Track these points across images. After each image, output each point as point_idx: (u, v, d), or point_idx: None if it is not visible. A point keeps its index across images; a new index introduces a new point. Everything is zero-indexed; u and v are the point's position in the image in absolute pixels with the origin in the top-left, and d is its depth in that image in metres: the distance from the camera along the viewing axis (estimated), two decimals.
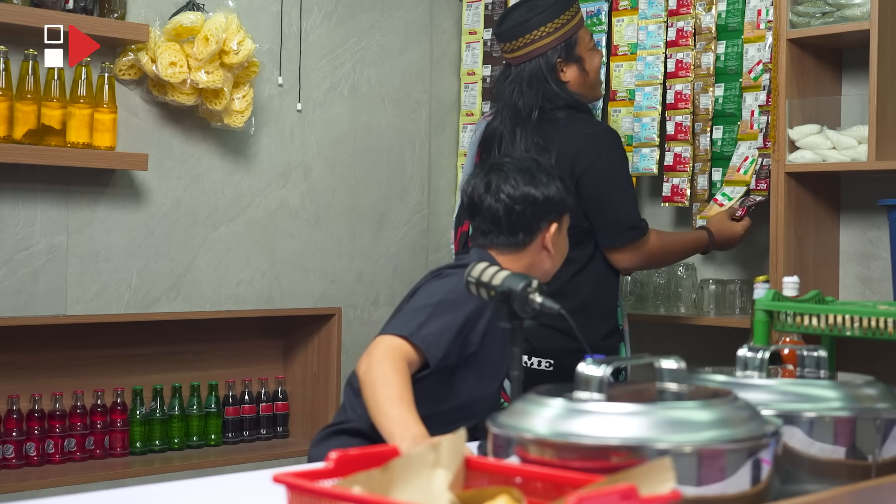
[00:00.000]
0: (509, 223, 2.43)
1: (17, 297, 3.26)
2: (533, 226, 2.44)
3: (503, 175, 2.45)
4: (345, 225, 3.96)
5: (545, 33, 3.14)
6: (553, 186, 2.45)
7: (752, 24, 3.36)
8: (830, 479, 1.64)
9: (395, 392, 2.10)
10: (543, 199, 2.43)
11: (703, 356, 3.55)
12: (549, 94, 3.11)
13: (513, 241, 2.45)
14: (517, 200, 2.42)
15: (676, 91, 3.55)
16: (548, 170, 2.49)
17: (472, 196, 2.47)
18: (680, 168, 3.54)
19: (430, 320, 2.25)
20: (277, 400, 3.90)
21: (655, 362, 1.58)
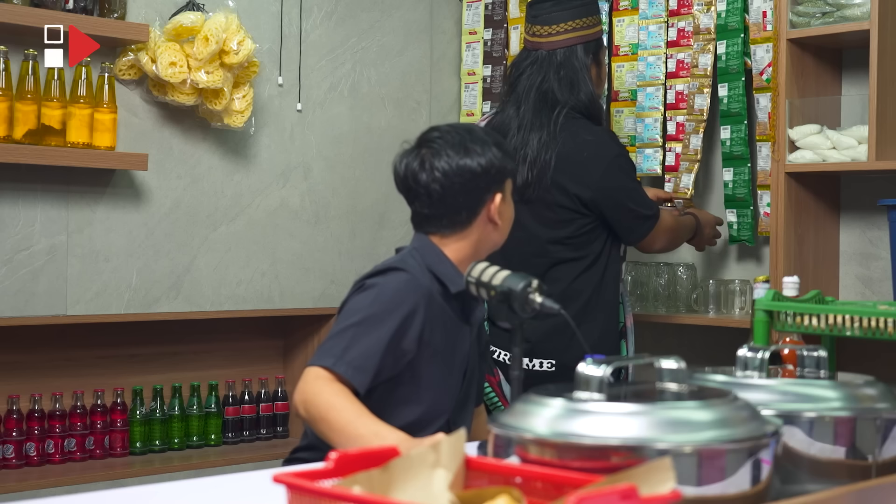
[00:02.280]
0: (450, 202, 2.28)
1: (17, 297, 3.26)
2: (474, 201, 2.29)
3: (434, 150, 2.28)
4: (345, 225, 3.96)
5: (587, 24, 3.08)
6: (489, 153, 2.28)
7: (759, 26, 3.36)
8: (830, 479, 1.64)
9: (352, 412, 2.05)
10: (481, 170, 2.27)
11: (703, 356, 3.55)
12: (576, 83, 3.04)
13: (456, 221, 2.29)
14: (453, 175, 2.25)
15: (677, 91, 3.55)
16: (481, 137, 2.31)
17: (406, 177, 2.30)
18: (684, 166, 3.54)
19: (354, 343, 2.14)
20: (277, 400, 3.90)
21: (655, 362, 1.58)
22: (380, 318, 2.17)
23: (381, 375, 2.17)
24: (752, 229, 3.44)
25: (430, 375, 2.26)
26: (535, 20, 3.10)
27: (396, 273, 2.24)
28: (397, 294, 2.21)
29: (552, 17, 3.07)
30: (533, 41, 3.10)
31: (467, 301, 2.32)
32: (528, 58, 3.09)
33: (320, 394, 2.09)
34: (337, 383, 2.10)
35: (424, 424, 2.27)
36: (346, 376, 2.11)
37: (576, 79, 3.04)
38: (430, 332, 2.23)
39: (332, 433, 2.07)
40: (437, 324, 2.25)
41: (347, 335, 2.16)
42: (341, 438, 2.05)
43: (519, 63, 3.13)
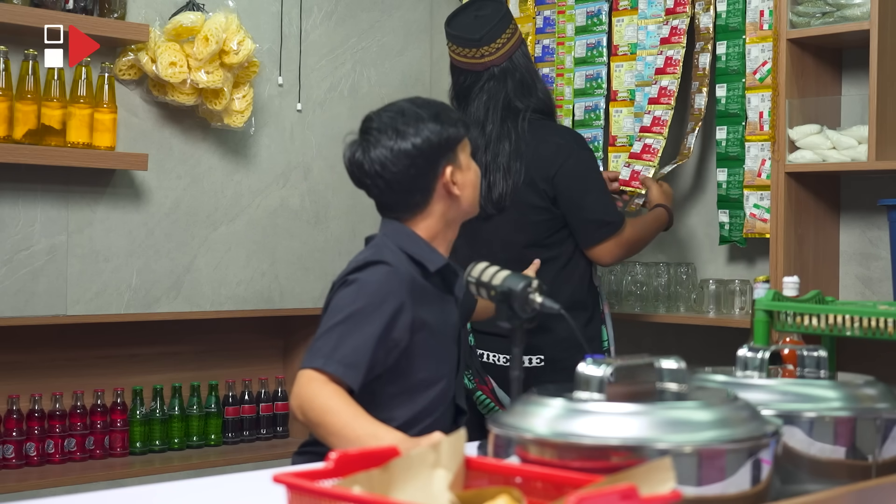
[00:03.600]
0: (399, 187, 2.25)
1: (17, 297, 3.26)
2: (423, 180, 2.26)
3: (370, 141, 2.26)
4: (345, 225, 3.96)
5: (514, 28, 3.14)
6: (425, 130, 2.24)
7: (755, 25, 3.35)
8: (830, 479, 1.64)
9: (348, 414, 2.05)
10: (417, 150, 2.23)
11: (703, 356, 3.55)
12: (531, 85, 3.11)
13: (413, 203, 2.27)
14: (392, 163, 2.23)
15: (661, 86, 3.54)
16: (415, 114, 2.27)
17: (353, 170, 2.29)
18: (647, 158, 3.50)
19: (343, 341, 2.14)
20: (277, 400, 3.90)
21: (655, 362, 1.58)
22: (366, 313, 2.16)
23: (374, 370, 2.17)
24: (742, 230, 3.43)
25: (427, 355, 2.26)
26: (477, 44, 3.10)
27: (376, 267, 2.23)
28: (381, 287, 2.20)
29: (491, 35, 3.10)
30: (482, 62, 3.10)
31: (447, 274, 2.32)
32: (480, 79, 3.10)
33: (315, 397, 2.08)
34: (331, 385, 2.09)
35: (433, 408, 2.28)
36: (338, 375, 2.10)
37: (529, 81, 3.11)
38: (420, 316, 2.23)
39: (329, 436, 2.07)
40: (425, 304, 2.25)
41: (335, 334, 2.15)
42: (339, 441, 2.05)
43: (469, 87, 3.12)
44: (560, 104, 3.88)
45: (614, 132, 3.74)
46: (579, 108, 3.83)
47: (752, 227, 3.37)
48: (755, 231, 3.36)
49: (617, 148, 3.73)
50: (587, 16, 3.81)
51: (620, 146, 3.72)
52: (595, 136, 3.79)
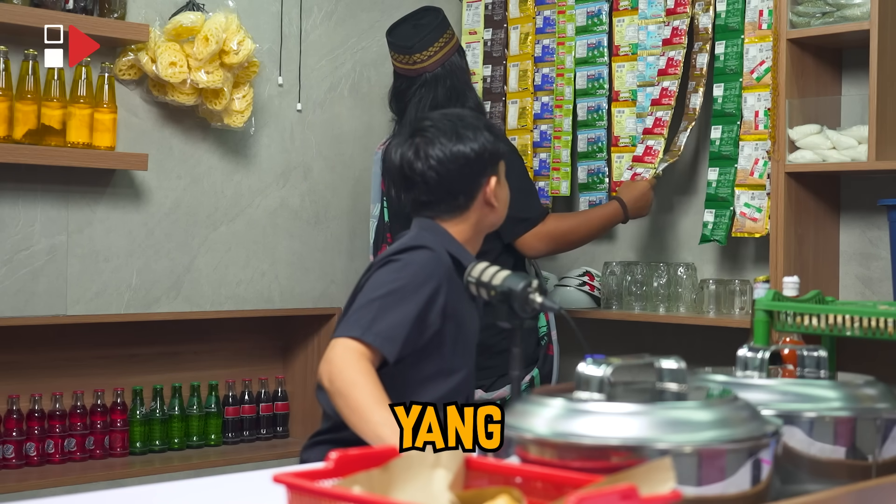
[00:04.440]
0: (446, 188, 2.35)
1: (17, 297, 3.26)
2: (471, 185, 2.37)
3: (428, 139, 2.35)
4: (345, 225, 3.96)
5: (447, 39, 3.34)
6: (481, 138, 2.36)
7: (754, 25, 3.35)
8: (830, 479, 1.64)
9: (372, 397, 2.07)
10: (475, 155, 2.35)
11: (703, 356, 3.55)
12: (462, 93, 3.31)
13: (454, 206, 2.37)
14: (448, 162, 2.33)
15: (663, 87, 3.54)
16: (472, 122, 2.39)
17: (402, 166, 2.36)
18: (648, 160, 3.51)
19: (382, 314, 2.18)
20: (277, 400, 3.90)
21: (655, 362, 1.58)
22: (407, 291, 2.22)
23: (405, 349, 2.21)
24: (726, 229, 3.42)
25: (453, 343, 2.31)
26: (409, 51, 3.34)
27: (419, 250, 2.30)
28: (423, 269, 2.26)
29: (424, 43, 3.32)
30: (414, 69, 3.33)
31: None
32: (414, 84, 3.32)
33: (347, 368, 2.11)
34: (365, 360, 2.13)
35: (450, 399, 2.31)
36: (376, 345, 2.14)
37: (461, 89, 3.31)
38: (452, 306, 2.30)
39: (347, 410, 2.09)
40: (458, 297, 2.31)
41: (374, 307, 2.19)
42: (355, 418, 2.07)
43: (404, 91, 3.35)
44: (560, 104, 3.88)
45: (617, 133, 3.74)
46: (582, 109, 3.83)
47: (742, 227, 3.36)
48: (745, 230, 3.35)
49: (620, 148, 3.73)
50: (587, 16, 3.81)
51: (623, 146, 3.72)
52: (598, 136, 3.79)
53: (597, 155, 3.80)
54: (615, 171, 3.74)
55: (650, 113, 3.55)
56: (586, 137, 3.82)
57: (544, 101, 3.94)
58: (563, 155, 3.86)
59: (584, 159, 3.82)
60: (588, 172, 3.81)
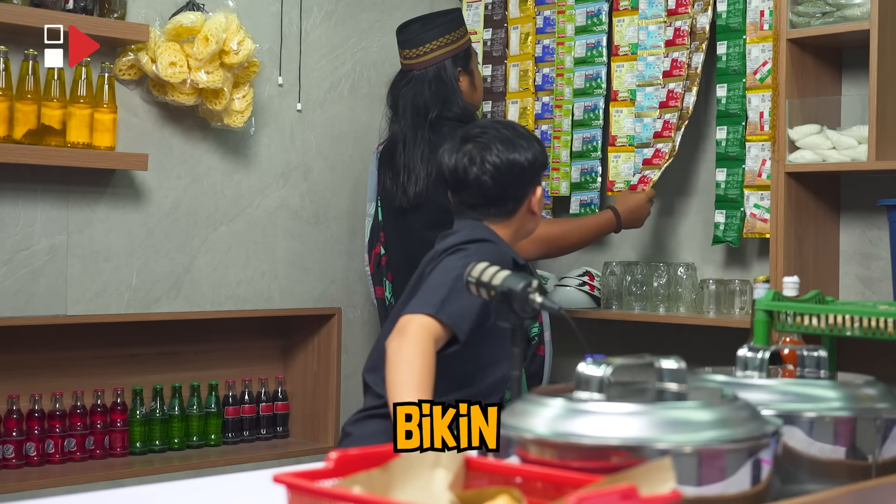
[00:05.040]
0: (499, 193, 2.47)
1: (17, 297, 3.26)
2: (520, 192, 2.50)
3: (484, 145, 2.47)
4: (345, 225, 3.96)
5: (452, 39, 3.40)
6: (532, 149, 2.50)
7: (756, 25, 3.35)
8: (830, 479, 1.63)
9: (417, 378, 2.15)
10: (528, 164, 2.48)
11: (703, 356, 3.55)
12: (448, 97, 3.35)
13: (503, 210, 2.50)
14: (504, 169, 2.46)
15: (669, 90, 3.54)
16: (525, 134, 2.53)
17: (457, 170, 2.49)
18: (656, 161, 3.52)
19: (452, 297, 2.27)
20: (277, 400, 3.90)
21: (655, 362, 1.58)
22: None
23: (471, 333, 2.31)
24: (738, 230, 3.42)
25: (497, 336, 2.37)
26: (404, 44, 3.45)
27: (485, 243, 2.42)
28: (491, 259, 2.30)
29: (419, 40, 3.42)
30: (405, 63, 3.45)
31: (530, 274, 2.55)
32: (404, 79, 3.43)
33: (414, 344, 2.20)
34: (431, 343, 2.21)
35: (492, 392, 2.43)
36: (449, 323, 2.24)
37: (447, 93, 3.36)
38: None
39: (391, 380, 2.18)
40: None
41: (445, 289, 2.29)
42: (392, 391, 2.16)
43: (396, 83, 3.46)
44: (560, 104, 3.88)
45: (614, 132, 3.74)
46: (578, 108, 3.83)
47: (753, 227, 3.37)
48: (755, 231, 3.36)
49: (617, 148, 3.73)
50: (587, 16, 3.81)
51: (620, 146, 3.72)
52: (594, 135, 3.79)
53: (591, 154, 3.80)
54: (611, 170, 3.74)
55: (659, 116, 3.56)
56: (581, 137, 3.82)
57: (545, 101, 3.94)
58: (562, 155, 3.86)
59: (578, 158, 3.82)
60: (581, 172, 3.81)
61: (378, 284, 3.54)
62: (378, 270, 3.52)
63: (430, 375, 2.17)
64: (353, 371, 3.96)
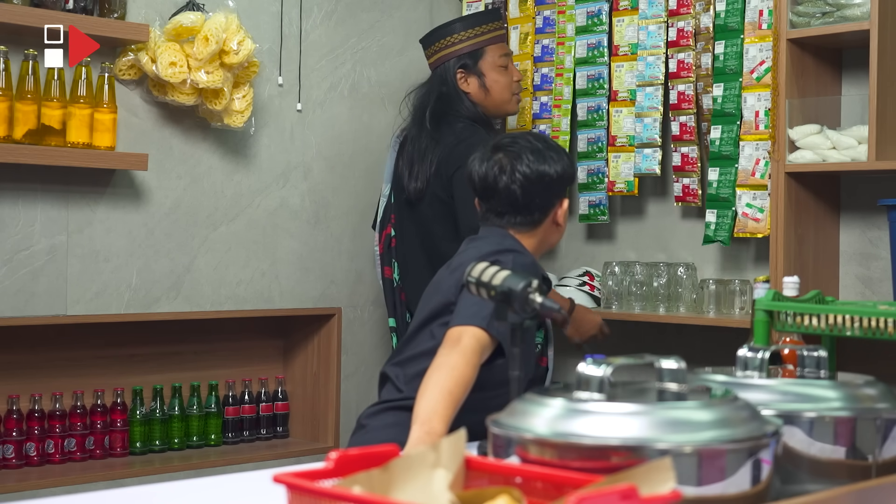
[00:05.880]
0: (526, 203, 2.50)
1: (17, 297, 3.26)
2: (547, 203, 2.52)
3: (515, 155, 2.50)
4: (345, 225, 3.96)
5: (453, 42, 3.45)
6: (562, 162, 2.53)
7: (754, 25, 3.35)
8: (830, 479, 1.64)
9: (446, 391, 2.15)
10: (557, 176, 2.51)
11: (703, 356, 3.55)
12: (450, 97, 3.42)
13: (529, 220, 2.52)
14: (533, 180, 2.48)
15: (679, 91, 3.55)
16: (555, 146, 2.56)
17: (486, 178, 2.52)
18: (689, 168, 3.54)
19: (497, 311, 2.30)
20: (277, 400, 3.90)
21: (655, 362, 1.58)
22: None
23: None
24: (729, 230, 3.42)
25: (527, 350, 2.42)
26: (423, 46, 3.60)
27: (520, 254, 2.46)
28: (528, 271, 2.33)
29: (429, 41, 3.56)
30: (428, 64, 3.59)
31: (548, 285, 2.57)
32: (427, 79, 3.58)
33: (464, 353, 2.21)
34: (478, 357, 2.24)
35: None
36: (499, 338, 2.27)
37: (449, 94, 3.44)
38: None
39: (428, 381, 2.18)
40: None
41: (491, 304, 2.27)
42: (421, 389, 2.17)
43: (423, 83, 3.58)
44: (559, 104, 3.88)
45: (614, 132, 3.74)
46: (581, 109, 3.83)
47: (745, 227, 3.36)
48: (747, 230, 3.36)
49: (617, 148, 3.73)
50: (587, 16, 3.81)
51: (620, 146, 3.72)
52: (598, 136, 3.79)
53: (597, 155, 3.80)
54: (612, 170, 3.74)
55: (673, 118, 3.56)
56: (586, 137, 3.82)
57: (543, 101, 3.94)
58: None
59: (584, 159, 3.82)
60: (588, 172, 3.81)
61: (387, 265, 3.56)
62: (388, 251, 3.55)
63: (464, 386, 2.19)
64: (352, 371, 3.96)
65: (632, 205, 3.90)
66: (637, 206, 3.88)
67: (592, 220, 3.81)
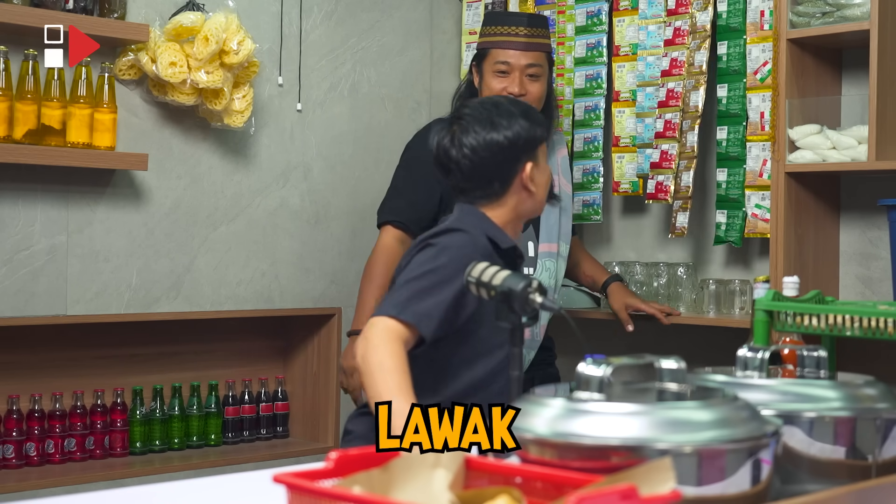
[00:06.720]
0: (480, 175, 2.38)
1: (17, 297, 3.26)
2: (505, 172, 2.39)
3: (463, 126, 2.40)
4: (345, 225, 3.96)
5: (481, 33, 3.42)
6: (516, 125, 2.38)
7: (756, 25, 3.35)
8: (830, 479, 1.64)
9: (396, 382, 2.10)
10: (508, 142, 2.37)
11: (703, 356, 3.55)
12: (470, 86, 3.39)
13: (490, 192, 2.40)
14: (480, 150, 2.36)
15: (669, 89, 3.54)
16: (508, 110, 2.41)
17: (439, 154, 2.42)
18: (665, 165, 3.53)
19: (419, 295, 2.22)
20: (277, 400, 3.90)
21: (655, 362, 1.58)
22: (443, 274, 2.25)
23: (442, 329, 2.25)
24: (740, 230, 3.42)
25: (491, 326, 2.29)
26: None
27: (456, 233, 2.35)
28: (459, 251, 2.29)
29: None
30: None
31: (514, 260, 2.43)
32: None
33: (378, 348, 2.15)
34: (399, 343, 2.16)
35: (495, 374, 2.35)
36: (413, 322, 2.18)
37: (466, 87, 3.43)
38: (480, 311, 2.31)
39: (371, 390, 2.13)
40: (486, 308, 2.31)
41: (411, 288, 2.24)
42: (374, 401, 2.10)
43: None
44: (560, 104, 3.88)
45: (617, 132, 3.74)
46: (579, 108, 3.83)
47: (754, 228, 3.37)
48: (757, 231, 3.36)
49: (620, 148, 3.74)
50: (587, 16, 3.81)
51: (623, 146, 3.72)
52: (595, 136, 3.79)
53: (592, 154, 3.80)
54: (615, 171, 3.74)
55: (658, 115, 3.56)
56: (582, 137, 3.82)
57: None
58: None
59: (580, 159, 3.82)
60: (584, 172, 3.81)
61: None
62: None
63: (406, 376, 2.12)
64: None
65: (632, 205, 3.90)
66: (637, 206, 3.88)
67: (586, 219, 3.80)
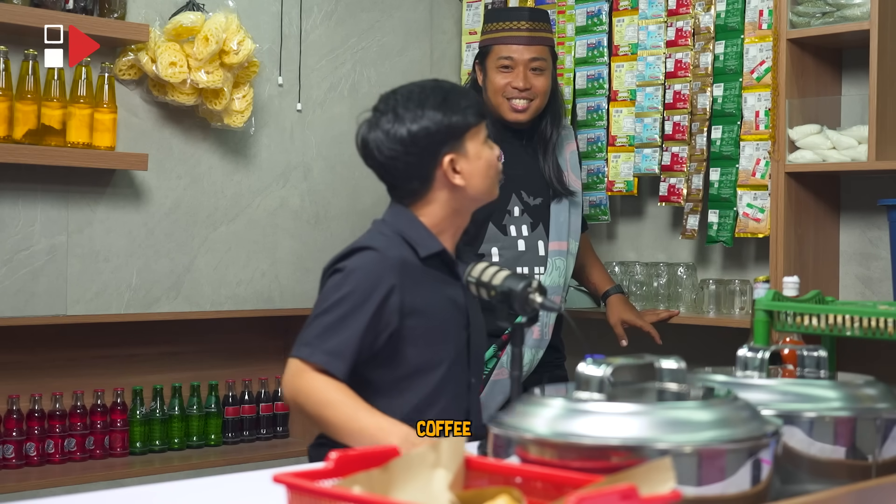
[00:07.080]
0: (394, 173, 2.23)
1: (17, 297, 3.26)
2: (421, 169, 2.21)
3: (372, 122, 2.24)
4: (345, 225, 3.96)
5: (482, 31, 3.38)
6: (424, 118, 2.17)
7: (754, 25, 3.35)
8: (830, 479, 1.64)
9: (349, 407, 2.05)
10: (411, 136, 2.17)
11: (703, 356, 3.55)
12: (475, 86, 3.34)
13: (411, 192, 2.24)
14: (386, 148, 2.20)
15: (675, 91, 3.55)
16: (419, 99, 2.20)
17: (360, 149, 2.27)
18: (677, 168, 3.54)
19: (329, 330, 2.13)
20: (277, 400, 3.90)
21: (655, 362, 1.58)
22: (353, 301, 2.16)
23: (362, 356, 2.15)
24: (731, 230, 3.42)
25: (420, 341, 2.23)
26: None
27: (364, 253, 2.23)
28: (368, 274, 2.19)
29: None
30: None
31: (450, 261, 2.29)
32: None
33: (312, 391, 2.08)
34: (323, 376, 2.09)
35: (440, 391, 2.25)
36: (322, 364, 2.09)
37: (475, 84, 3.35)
38: (411, 299, 2.20)
39: (330, 429, 2.07)
40: (419, 289, 2.23)
41: (322, 324, 2.15)
42: (342, 434, 2.05)
43: None
44: None
45: (614, 132, 3.74)
46: (581, 109, 3.83)
47: (745, 227, 3.36)
48: (748, 231, 3.36)
49: (617, 148, 3.73)
50: (587, 16, 3.81)
51: (620, 146, 3.72)
52: (598, 136, 3.79)
53: (596, 155, 3.80)
54: (611, 170, 3.74)
55: (667, 118, 3.56)
56: (586, 137, 3.82)
57: None
58: None
59: (585, 159, 3.82)
60: (588, 172, 3.81)
61: None
62: None
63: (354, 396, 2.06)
64: None
65: (632, 205, 3.90)
66: (637, 206, 3.88)
67: (594, 219, 3.80)
